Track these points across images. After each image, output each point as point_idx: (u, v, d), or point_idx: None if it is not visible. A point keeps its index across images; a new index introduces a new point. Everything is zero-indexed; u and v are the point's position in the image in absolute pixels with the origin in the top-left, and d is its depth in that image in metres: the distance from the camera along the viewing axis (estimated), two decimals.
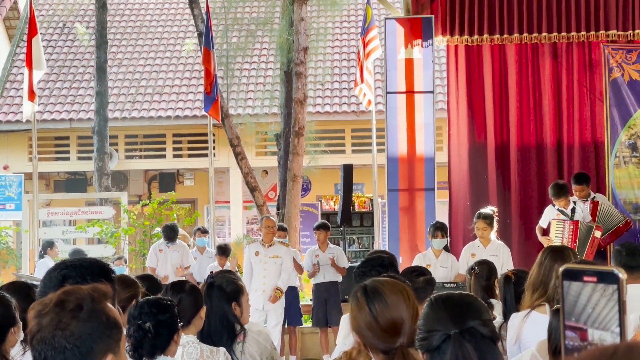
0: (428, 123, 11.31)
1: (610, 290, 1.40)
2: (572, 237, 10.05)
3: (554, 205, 10.40)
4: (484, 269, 6.43)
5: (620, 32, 11.56)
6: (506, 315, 4.98)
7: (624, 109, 11.59)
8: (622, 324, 1.38)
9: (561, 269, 1.49)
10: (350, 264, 12.14)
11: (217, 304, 4.89)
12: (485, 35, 11.62)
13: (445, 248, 10.21)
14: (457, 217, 11.73)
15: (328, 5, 20.99)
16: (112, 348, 2.36)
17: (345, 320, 5.31)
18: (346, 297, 11.50)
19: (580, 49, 11.82)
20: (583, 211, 10.32)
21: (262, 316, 10.65)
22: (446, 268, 9.94)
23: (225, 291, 4.98)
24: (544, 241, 10.40)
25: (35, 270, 13.16)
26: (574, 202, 10.36)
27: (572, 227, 10.12)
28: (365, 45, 12.69)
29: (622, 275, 1.40)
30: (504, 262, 9.41)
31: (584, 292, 1.44)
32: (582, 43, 11.75)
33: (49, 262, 12.93)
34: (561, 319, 1.48)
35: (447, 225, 10.84)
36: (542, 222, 10.68)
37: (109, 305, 2.41)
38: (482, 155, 11.81)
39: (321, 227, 11.92)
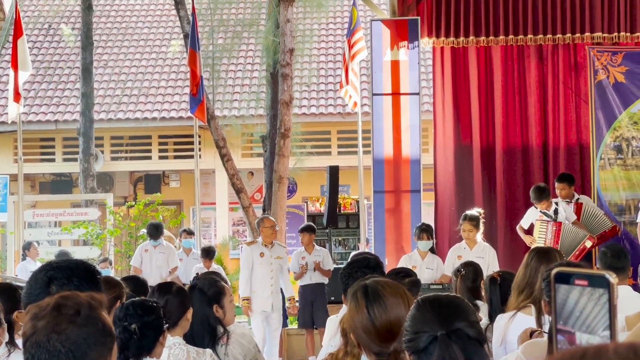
0: (414, 125, 11.31)
1: (599, 293, 1.39)
2: (554, 239, 10.08)
3: (536, 207, 10.43)
4: (470, 271, 6.45)
5: (605, 35, 11.60)
6: (492, 317, 4.99)
7: (609, 111, 11.63)
8: (612, 328, 1.37)
9: (553, 271, 1.49)
10: (335, 266, 12.14)
11: (198, 306, 4.89)
12: (471, 37, 11.64)
13: (432, 250, 10.22)
14: (443, 218, 11.74)
15: (314, 7, 21.01)
16: (105, 356, 2.38)
17: (331, 322, 5.31)
18: (332, 298, 11.50)
19: (566, 51, 11.85)
20: (566, 211, 10.35)
21: (265, 318, 10.60)
22: (432, 270, 9.96)
23: (205, 294, 4.98)
24: (527, 239, 10.44)
25: (17, 274, 13.10)
26: (556, 203, 10.38)
27: (555, 228, 10.15)
28: (350, 47, 12.70)
29: (613, 279, 1.39)
30: (489, 263, 9.43)
31: (572, 295, 1.44)
32: (567, 45, 11.79)
33: (28, 266, 12.89)
34: (553, 322, 1.47)
35: (433, 227, 10.86)
36: (524, 223, 10.69)
37: (105, 313, 2.42)
38: (467, 157, 11.82)
39: (305, 230, 11.90)
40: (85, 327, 2.33)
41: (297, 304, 11.41)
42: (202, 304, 4.93)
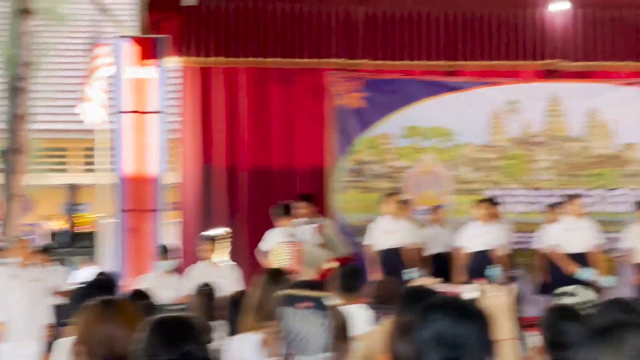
0: (158, 143, 11.19)
1: (321, 315, 1.39)
2: (296, 259, 10.21)
3: (277, 228, 10.53)
4: (210, 290, 6.44)
5: (347, 61, 11.99)
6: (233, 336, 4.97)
7: (348, 135, 12.04)
8: (338, 349, 1.37)
9: (280, 294, 1.48)
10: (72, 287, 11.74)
11: None
12: (220, 58, 11.71)
13: (175, 269, 10.13)
14: (189, 238, 11.69)
15: (56, 21, 20.39)
16: None
17: (58, 345, 5.11)
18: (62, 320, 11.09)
19: (308, 75, 12.14)
20: (307, 233, 10.55)
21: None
22: (174, 289, 9.86)
23: None
24: (266, 263, 10.51)
25: None
26: (298, 224, 10.56)
27: (295, 248, 10.28)
28: (93, 62, 12.43)
29: (335, 301, 1.39)
30: (232, 283, 9.45)
31: (295, 318, 1.43)
32: (310, 70, 12.08)
33: None
34: (283, 346, 1.46)
35: (180, 246, 10.78)
36: (263, 246, 10.67)
37: None
38: (213, 176, 11.87)
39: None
40: None
41: None
42: None
